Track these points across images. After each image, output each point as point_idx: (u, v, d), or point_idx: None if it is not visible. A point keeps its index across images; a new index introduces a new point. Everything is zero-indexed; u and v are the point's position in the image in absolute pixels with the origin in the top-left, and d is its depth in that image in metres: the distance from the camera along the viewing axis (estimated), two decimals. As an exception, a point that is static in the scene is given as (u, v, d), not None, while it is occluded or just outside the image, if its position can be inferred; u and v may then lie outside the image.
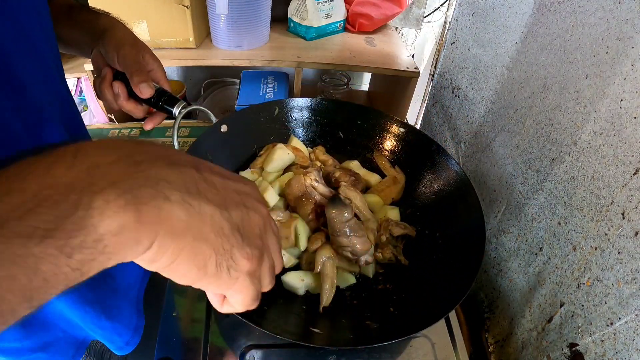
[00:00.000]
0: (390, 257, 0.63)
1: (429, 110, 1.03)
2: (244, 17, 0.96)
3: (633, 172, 0.43)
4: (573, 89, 0.53)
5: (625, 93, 0.45)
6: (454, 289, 0.53)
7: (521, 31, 0.65)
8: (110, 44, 0.51)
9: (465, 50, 0.83)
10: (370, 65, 1.00)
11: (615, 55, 0.46)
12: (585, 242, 0.50)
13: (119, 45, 0.51)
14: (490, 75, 0.74)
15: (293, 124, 0.81)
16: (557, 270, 0.55)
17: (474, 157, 0.80)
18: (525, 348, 0.60)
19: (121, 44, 0.51)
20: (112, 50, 0.51)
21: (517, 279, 0.64)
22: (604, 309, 0.46)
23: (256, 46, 1.03)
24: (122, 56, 0.51)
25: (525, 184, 0.63)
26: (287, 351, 0.58)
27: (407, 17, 1.23)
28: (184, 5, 0.91)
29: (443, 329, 0.63)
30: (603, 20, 0.48)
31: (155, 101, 0.55)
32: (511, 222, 0.67)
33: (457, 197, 0.67)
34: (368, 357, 0.58)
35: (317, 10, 1.05)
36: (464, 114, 0.84)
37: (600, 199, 0.48)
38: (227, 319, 0.61)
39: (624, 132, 0.45)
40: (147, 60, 0.53)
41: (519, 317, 0.62)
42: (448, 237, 0.65)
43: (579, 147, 0.52)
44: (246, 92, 1.06)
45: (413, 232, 0.66)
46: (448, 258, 0.61)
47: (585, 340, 0.49)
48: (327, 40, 1.11)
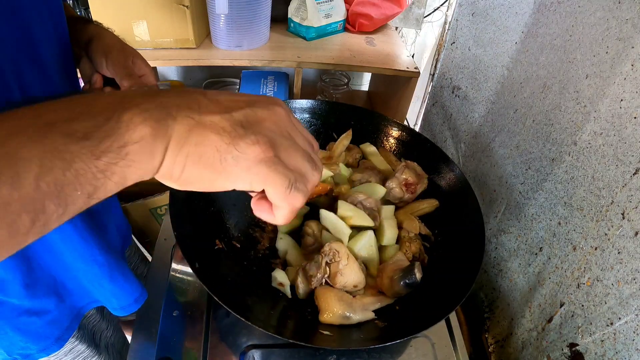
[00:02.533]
0: (415, 252, 0.63)
1: (429, 110, 1.03)
2: (243, 17, 0.96)
3: (633, 172, 0.43)
4: (573, 89, 0.53)
5: (625, 93, 0.45)
6: (455, 289, 0.53)
7: (521, 31, 0.65)
8: (98, 50, 0.52)
9: (465, 50, 0.83)
10: (370, 65, 1.00)
11: (615, 55, 0.46)
12: (585, 242, 0.50)
13: (107, 50, 0.52)
14: (490, 75, 0.74)
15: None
16: (557, 270, 0.55)
17: (474, 157, 0.80)
18: (525, 348, 0.60)
19: (109, 49, 0.52)
20: (100, 56, 0.51)
21: (517, 279, 0.64)
22: (604, 309, 0.46)
23: (256, 46, 1.03)
24: (110, 61, 0.51)
25: (525, 184, 0.63)
26: (287, 351, 0.58)
27: (407, 17, 1.23)
28: (184, 5, 0.91)
29: (443, 329, 0.63)
30: (603, 20, 0.48)
31: None
32: (511, 222, 0.67)
33: (456, 197, 0.67)
34: (368, 357, 0.58)
35: (317, 10, 1.05)
36: (464, 114, 0.84)
37: (600, 199, 0.48)
38: (227, 319, 0.61)
39: (624, 132, 0.45)
40: (139, 65, 0.53)
41: (519, 317, 0.62)
42: (448, 238, 0.65)
43: (579, 147, 0.52)
44: (246, 92, 1.06)
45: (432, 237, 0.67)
46: (448, 258, 0.61)
47: (585, 340, 0.49)
48: (327, 40, 1.11)
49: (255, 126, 0.28)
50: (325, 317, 0.53)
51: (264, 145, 0.27)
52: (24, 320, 0.53)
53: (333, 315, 0.53)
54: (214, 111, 0.27)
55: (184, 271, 0.68)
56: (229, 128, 0.26)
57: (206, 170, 0.26)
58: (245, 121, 0.27)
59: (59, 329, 0.59)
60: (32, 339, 0.55)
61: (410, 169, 0.69)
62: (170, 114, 0.25)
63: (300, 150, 0.30)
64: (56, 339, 0.58)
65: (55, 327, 0.58)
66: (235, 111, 0.27)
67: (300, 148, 0.30)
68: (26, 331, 0.54)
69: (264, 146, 0.27)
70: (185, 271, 0.68)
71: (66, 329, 0.60)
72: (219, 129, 0.26)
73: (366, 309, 0.54)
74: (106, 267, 0.58)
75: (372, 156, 0.77)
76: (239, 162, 0.27)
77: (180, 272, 0.68)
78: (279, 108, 0.30)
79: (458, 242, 0.62)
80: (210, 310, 0.62)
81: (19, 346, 0.55)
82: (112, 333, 0.74)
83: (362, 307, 0.54)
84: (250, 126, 0.27)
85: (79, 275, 0.57)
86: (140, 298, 0.64)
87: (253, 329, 0.56)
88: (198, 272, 0.51)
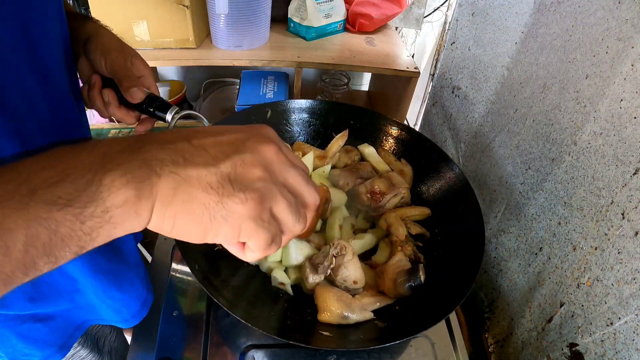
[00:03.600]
0: (410, 254, 0.63)
1: (429, 110, 1.03)
2: (243, 17, 0.96)
3: (633, 172, 0.43)
4: (573, 89, 0.53)
5: (625, 93, 0.45)
6: (454, 289, 0.53)
7: (521, 31, 0.65)
8: (97, 50, 0.51)
9: (465, 50, 0.83)
10: (370, 65, 1.00)
11: (615, 55, 0.46)
12: (585, 242, 0.50)
13: (106, 50, 0.51)
14: (490, 75, 0.74)
15: (286, 126, 0.81)
16: (557, 270, 0.55)
17: (474, 157, 0.80)
18: (525, 348, 0.60)
19: (108, 50, 0.51)
20: (99, 56, 0.51)
21: (517, 279, 0.64)
22: (604, 309, 0.46)
23: (256, 46, 1.03)
24: (109, 62, 0.51)
25: (525, 184, 0.63)
26: (287, 351, 0.58)
27: (407, 17, 1.23)
28: (184, 5, 0.91)
29: (443, 329, 0.63)
30: (603, 20, 0.48)
31: (147, 107, 0.54)
32: (511, 222, 0.67)
33: (456, 197, 0.67)
34: (368, 357, 0.58)
35: (317, 10, 1.05)
36: (464, 114, 0.84)
37: (600, 199, 0.48)
38: (227, 319, 0.61)
39: (624, 132, 0.45)
40: (137, 66, 0.53)
41: (519, 317, 0.62)
42: (448, 238, 0.65)
43: (579, 147, 0.52)
44: (246, 92, 1.06)
45: (427, 233, 0.67)
46: (448, 258, 0.61)
47: (585, 340, 0.49)
48: (327, 40, 1.11)
49: (243, 179, 0.27)
50: (324, 316, 0.53)
51: (252, 202, 0.26)
52: (28, 327, 0.52)
53: (331, 315, 0.53)
54: (200, 163, 0.26)
55: (184, 271, 0.68)
56: (216, 184, 0.26)
57: (196, 227, 0.26)
58: (234, 174, 0.27)
59: (63, 336, 0.58)
60: (36, 346, 0.54)
61: (384, 178, 0.68)
62: (154, 170, 0.25)
63: (288, 199, 0.29)
64: (60, 347, 0.58)
65: (58, 334, 0.57)
66: (222, 162, 0.26)
67: (289, 196, 0.29)
68: (30, 338, 0.53)
69: (253, 203, 0.26)
70: (185, 271, 0.68)
71: (70, 337, 0.59)
72: (206, 186, 0.26)
73: (365, 309, 0.55)
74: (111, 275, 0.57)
75: (369, 157, 0.77)
76: (227, 220, 0.26)
77: (180, 272, 0.68)
78: (268, 146, 0.29)
79: (458, 242, 0.62)
80: (210, 311, 0.62)
81: (22, 353, 0.54)
82: (115, 338, 0.74)
83: (361, 307, 0.54)
84: (239, 180, 0.27)
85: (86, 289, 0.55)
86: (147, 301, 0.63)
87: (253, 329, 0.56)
88: (198, 275, 0.50)
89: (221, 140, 0.28)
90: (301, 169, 0.31)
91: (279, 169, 0.29)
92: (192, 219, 0.26)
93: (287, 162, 0.30)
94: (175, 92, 1.19)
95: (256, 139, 0.29)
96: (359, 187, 0.68)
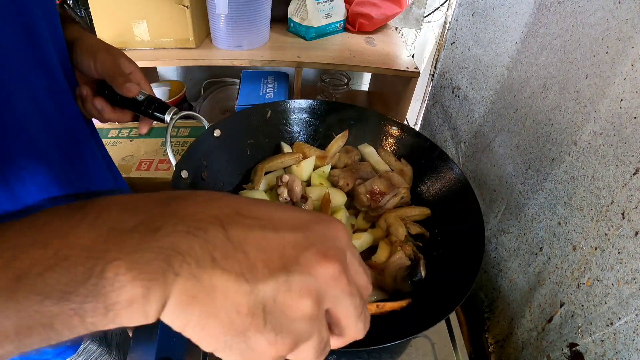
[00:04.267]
0: (410, 254, 0.63)
1: (429, 110, 1.03)
2: (243, 17, 0.96)
3: (633, 172, 0.43)
4: (573, 89, 0.53)
5: (625, 93, 0.45)
6: (454, 289, 0.53)
7: (521, 31, 0.65)
8: (84, 52, 0.51)
9: (465, 50, 0.83)
10: (370, 65, 1.00)
11: (615, 55, 0.46)
12: (585, 242, 0.50)
13: (94, 51, 0.51)
14: (490, 75, 0.74)
15: (286, 126, 0.81)
16: (557, 270, 0.55)
17: (474, 157, 0.80)
18: (525, 348, 0.60)
19: (96, 51, 0.51)
20: (87, 58, 0.51)
21: (517, 279, 0.64)
22: (604, 309, 0.46)
23: (256, 46, 1.03)
24: (99, 62, 0.51)
25: (525, 184, 0.63)
26: (287, 351, 0.57)
27: (407, 17, 1.23)
28: (184, 5, 0.91)
29: (443, 329, 0.63)
30: (603, 20, 0.48)
31: (145, 109, 0.54)
32: (511, 222, 0.67)
33: (456, 197, 0.67)
34: (368, 357, 0.58)
35: (317, 10, 1.05)
36: (464, 114, 0.84)
37: (600, 199, 0.48)
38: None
39: (624, 132, 0.45)
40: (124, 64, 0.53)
41: (519, 317, 0.62)
42: (448, 238, 0.65)
43: (579, 147, 0.52)
44: (246, 92, 1.06)
45: (427, 233, 0.67)
46: (448, 258, 0.61)
47: (585, 340, 0.49)
48: (327, 40, 1.11)
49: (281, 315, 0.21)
50: None
51: (282, 347, 0.21)
52: None
53: None
54: (232, 272, 0.20)
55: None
56: (245, 310, 0.20)
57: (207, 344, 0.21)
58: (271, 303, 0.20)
59: None
60: None
61: (384, 179, 0.68)
62: (171, 266, 0.19)
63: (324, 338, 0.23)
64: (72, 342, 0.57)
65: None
66: (262, 281, 0.20)
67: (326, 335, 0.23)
68: None
69: (282, 347, 0.21)
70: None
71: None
72: (231, 309, 0.20)
73: None
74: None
75: (369, 157, 0.77)
76: (244, 355, 0.20)
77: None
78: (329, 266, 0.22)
79: (458, 242, 0.62)
80: (210, 311, 0.62)
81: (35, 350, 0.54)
82: (120, 333, 0.74)
83: None
84: (275, 315, 0.20)
85: None
86: None
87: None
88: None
89: (270, 241, 0.21)
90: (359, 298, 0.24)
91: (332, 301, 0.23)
92: (205, 335, 0.21)
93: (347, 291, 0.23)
94: (175, 92, 1.19)
95: (318, 250, 0.22)
96: (359, 187, 0.68)
